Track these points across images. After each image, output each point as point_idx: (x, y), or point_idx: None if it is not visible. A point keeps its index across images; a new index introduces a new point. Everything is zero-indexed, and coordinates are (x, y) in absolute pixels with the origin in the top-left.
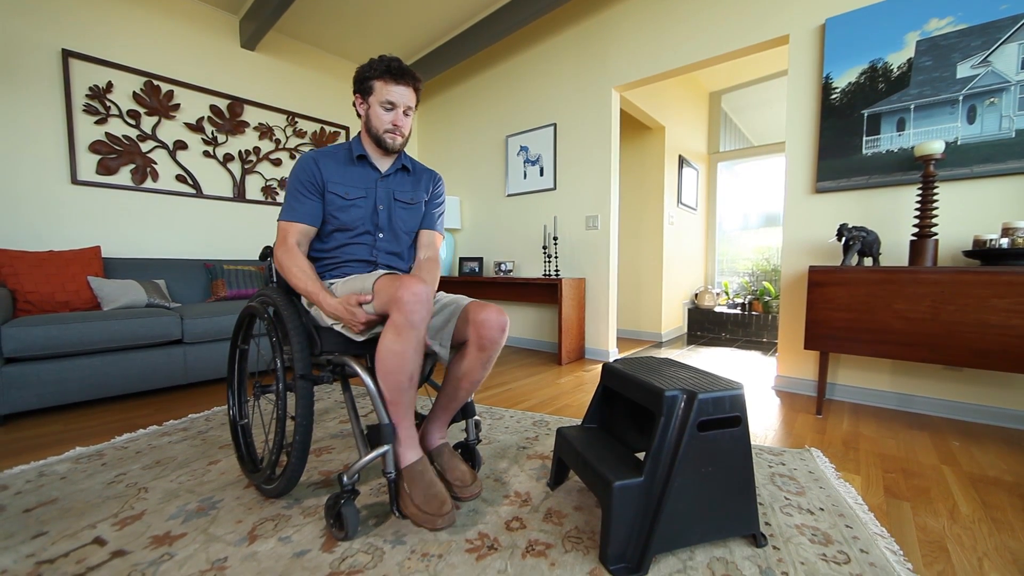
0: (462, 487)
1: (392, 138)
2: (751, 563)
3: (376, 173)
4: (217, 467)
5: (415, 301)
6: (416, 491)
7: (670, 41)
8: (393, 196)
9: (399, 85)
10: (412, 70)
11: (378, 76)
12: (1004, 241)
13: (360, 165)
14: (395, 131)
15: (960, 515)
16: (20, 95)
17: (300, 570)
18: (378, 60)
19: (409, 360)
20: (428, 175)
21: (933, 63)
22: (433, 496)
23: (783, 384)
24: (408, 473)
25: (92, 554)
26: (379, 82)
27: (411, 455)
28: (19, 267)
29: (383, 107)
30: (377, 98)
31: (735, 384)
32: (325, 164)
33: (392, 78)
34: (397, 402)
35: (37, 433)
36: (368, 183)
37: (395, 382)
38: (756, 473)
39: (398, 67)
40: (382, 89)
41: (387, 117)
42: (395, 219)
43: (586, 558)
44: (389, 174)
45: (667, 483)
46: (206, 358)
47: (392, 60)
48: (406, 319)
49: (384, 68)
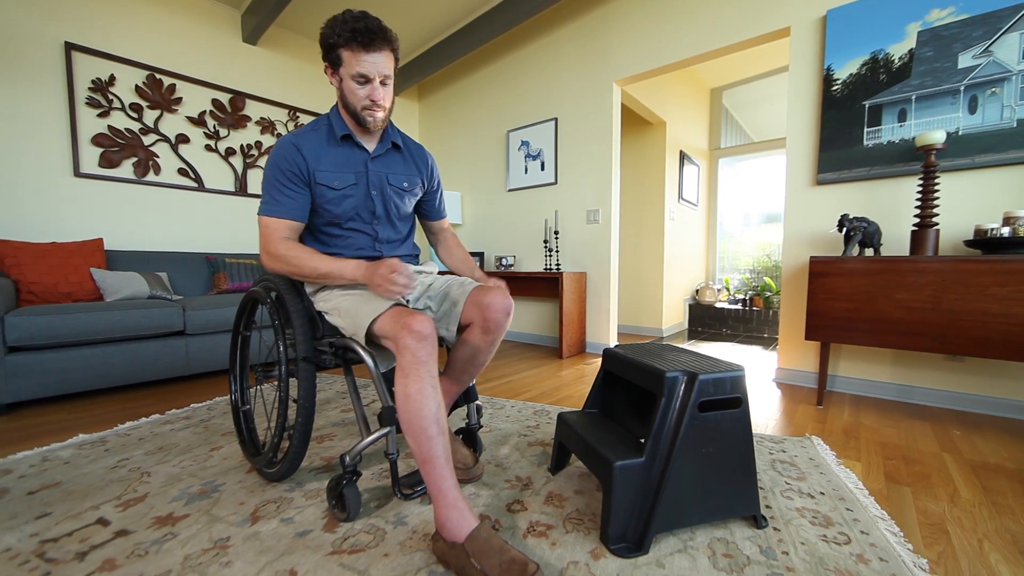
0: (464, 469)
1: (371, 115)
2: (751, 543)
3: (364, 154)
4: (219, 453)
5: (418, 341)
6: (488, 562)
7: (671, 34)
8: (387, 180)
9: (371, 53)
10: (384, 27)
11: (344, 44)
12: (1005, 230)
13: (345, 145)
14: (373, 107)
15: (961, 499)
16: (23, 88)
17: (302, 549)
18: (341, 21)
19: (429, 399)
20: (419, 153)
21: (934, 53)
22: (511, 561)
23: (784, 376)
24: (471, 545)
25: (95, 533)
26: (346, 51)
27: (467, 522)
28: (22, 258)
29: (356, 81)
30: (348, 70)
31: (736, 366)
32: (308, 149)
33: (361, 46)
34: (429, 457)
35: (40, 421)
36: (357, 166)
37: (419, 429)
38: (757, 460)
39: (365, 28)
40: (352, 60)
41: (362, 92)
42: (391, 207)
43: (587, 538)
44: (379, 155)
45: (668, 463)
46: (208, 349)
47: (358, 19)
48: (413, 357)
49: (350, 33)
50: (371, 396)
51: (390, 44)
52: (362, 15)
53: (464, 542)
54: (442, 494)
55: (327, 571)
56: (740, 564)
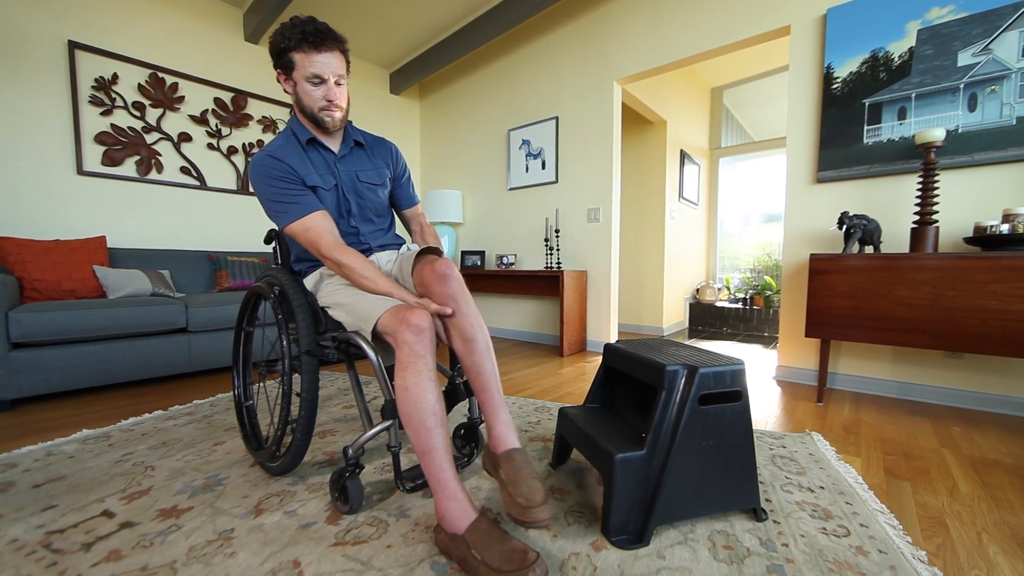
0: (525, 508)
1: (330, 115)
2: (751, 535)
3: (331, 155)
4: (222, 447)
5: (415, 335)
6: (489, 553)
7: (672, 33)
8: (357, 178)
9: (322, 53)
10: (332, 29)
11: (295, 47)
12: (1004, 227)
13: (313, 149)
14: (331, 107)
15: (960, 494)
16: (27, 86)
17: (306, 540)
18: (291, 26)
19: (427, 392)
20: (382, 147)
21: (934, 51)
22: (511, 551)
23: (784, 374)
24: (472, 536)
25: (101, 525)
26: (298, 54)
27: (467, 514)
28: (26, 255)
29: (310, 83)
30: (301, 73)
31: (736, 360)
32: (288, 158)
33: (312, 46)
34: (428, 449)
35: (44, 417)
36: (328, 167)
37: (418, 421)
38: (757, 455)
39: (315, 30)
40: (304, 61)
41: (318, 93)
42: (365, 204)
43: (588, 530)
44: (344, 155)
45: (668, 456)
46: (210, 347)
47: (307, 23)
48: (411, 350)
49: (300, 36)
50: (373, 392)
51: (339, 44)
52: (310, 19)
53: (465, 533)
54: (441, 486)
55: (331, 562)
56: (740, 556)
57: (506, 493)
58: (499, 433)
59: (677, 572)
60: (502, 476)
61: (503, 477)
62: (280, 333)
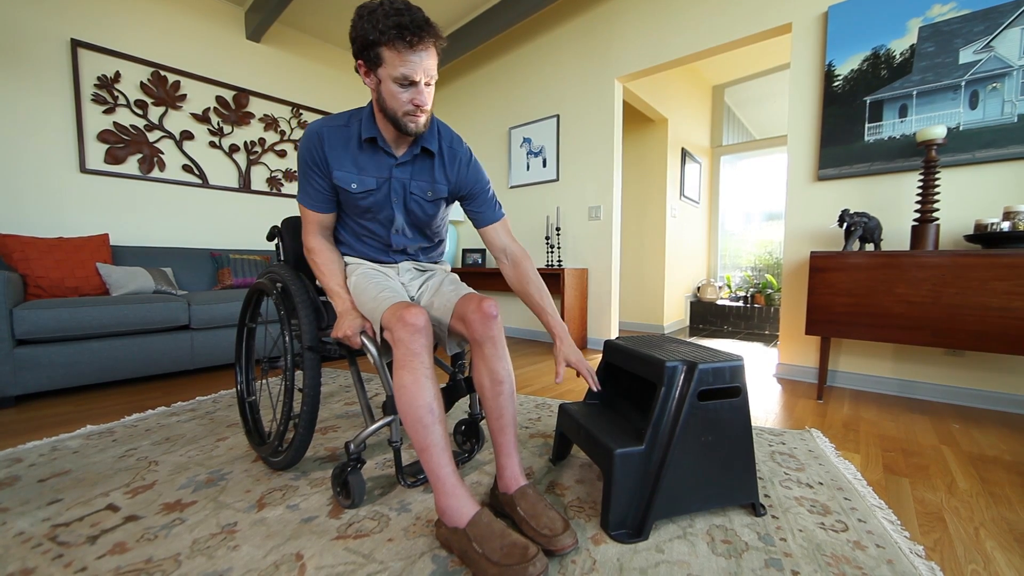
0: (551, 537)
1: (414, 121)
2: (750, 530)
3: (391, 159)
4: (225, 443)
5: (411, 333)
6: (489, 547)
7: (673, 31)
8: (409, 189)
9: (417, 51)
10: (430, 21)
11: (387, 42)
12: (1005, 225)
13: (370, 148)
14: (416, 112)
15: (958, 490)
16: (30, 84)
17: (308, 534)
18: (382, 14)
19: (423, 389)
20: (453, 156)
21: (935, 49)
22: (512, 544)
23: (785, 372)
24: (473, 530)
25: (106, 519)
26: (389, 51)
27: (467, 508)
28: (30, 253)
29: (399, 84)
30: (389, 72)
31: (735, 356)
32: (331, 143)
33: (408, 44)
34: (425, 445)
35: (49, 413)
36: (381, 171)
37: (415, 419)
38: (756, 452)
39: (411, 23)
40: (395, 60)
41: (405, 96)
42: (413, 218)
43: (588, 524)
44: (405, 161)
45: (667, 451)
46: (213, 344)
47: (401, 12)
48: (407, 349)
49: (395, 30)
50: (375, 388)
51: (437, 41)
52: (405, 7)
53: (466, 527)
54: (440, 482)
55: (332, 555)
56: (739, 550)
57: (528, 528)
58: (513, 475)
59: (675, 566)
60: (520, 513)
61: (521, 514)
62: (283, 329)
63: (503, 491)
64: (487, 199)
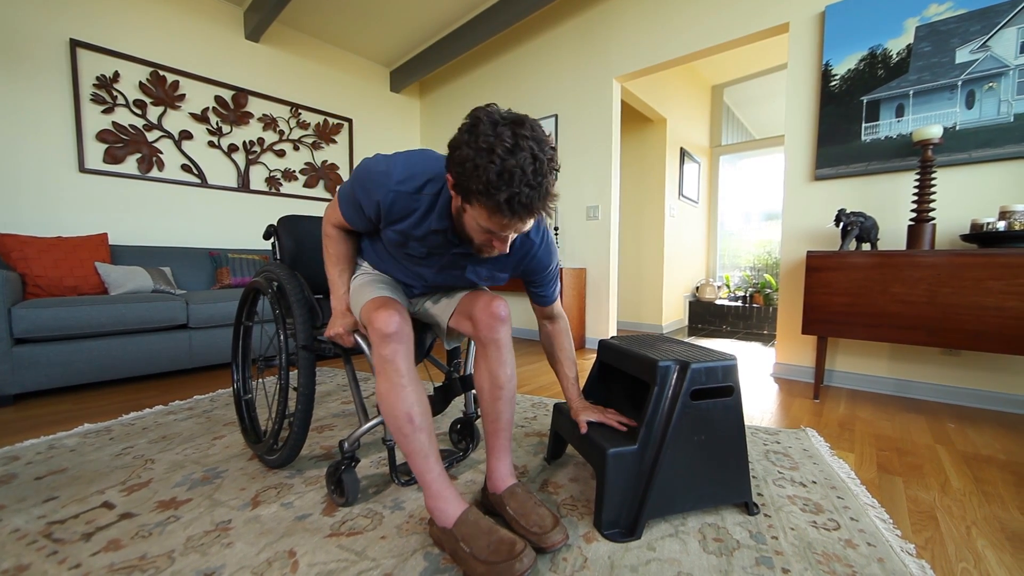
0: (541, 534)
1: (489, 252)
2: (742, 528)
3: (453, 244)
4: (221, 442)
5: (380, 339)
6: (477, 545)
7: (671, 30)
8: (465, 270)
9: (517, 220)
10: (547, 195)
11: (487, 205)
12: (1001, 224)
13: (438, 233)
14: (492, 251)
15: (951, 489)
16: (29, 84)
17: (302, 531)
18: (492, 163)
19: (398, 399)
20: (528, 247)
21: (932, 48)
22: (499, 541)
23: (781, 371)
24: (459, 530)
25: (101, 516)
26: (484, 209)
27: (453, 509)
28: (28, 252)
29: (481, 228)
30: (476, 218)
31: (728, 356)
32: (392, 209)
33: (509, 216)
34: (408, 452)
35: (46, 411)
36: (437, 247)
37: (394, 427)
38: (751, 451)
39: (524, 203)
40: (487, 218)
41: (483, 238)
42: (450, 281)
43: (580, 523)
44: (470, 252)
45: (660, 451)
46: (211, 343)
47: (519, 180)
48: (379, 356)
49: (506, 205)
50: (371, 388)
51: (548, 205)
52: (526, 175)
53: (453, 527)
54: (426, 485)
55: (325, 552)
56: (730, 548)
57: (519, 526)
58: (502, 475)
59: (666, 564)
60: (510, 512)
61: (511, 512)
62: (277, 328)
63: (492, 491)
64: (549, 281)
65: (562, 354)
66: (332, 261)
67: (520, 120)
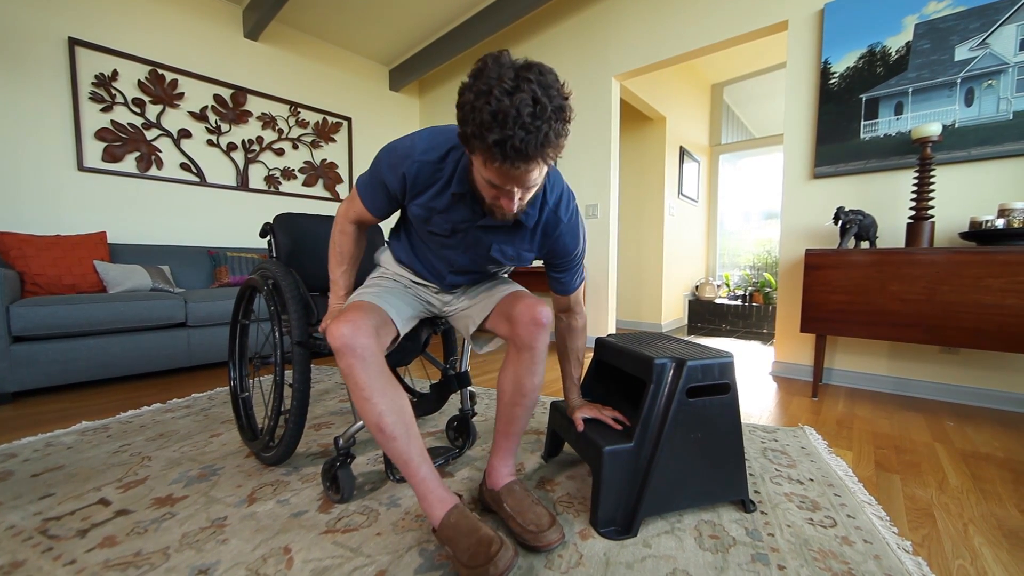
0: (537, 533)
1: (500, 213)
2: (738, 525)
3: (476, 216)
4: (219, 439)
5: (337, 352)
6: (459, 548)
7: (670, 29)
8: (488, 247)
9: (515, 168)
10: (545, 140)
11: (481, 150)
12: (1000, 222)
13: (459, 200)
14: (502, 210)
15: (949, 486)
16: (28, 83)
17: (297, 528)
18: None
19: (366, 412)
20: (554, 224)
21: (931, 46)
22: (477, 542)
23: (780, 370)
24: (443, 532)
25: (97, 513)
26: (482, 156)
27: (436, 511)
28: (27, 250)
29: (484, 180)
30: (479, 169)
31: (724, 353)
32: (416, 180)
33: (504, 162)
34: (392, 453)
35: (44, 409)
36: (461, 221)
37: (373, 430)
38: (748, 448)
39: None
40: (485, 166)
41: (490, 193)
42: (478, 264)
43: (576, 520)
44: (494, 225)
45: (656, 449)
46: (209, 342)
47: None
48: (341, 369)
49: (496, 148)
50: None
51: (543, 153)
52: (522, 117)
53: (437, 530)
54: (413, 488)
55: (320, 549)
56: (726, 545)
57: (515, 524)
58: (502, 474)
59: (661, 560)
60: (507, 509)
61: (508, 510)
62: (272, 325)
63: (490, 487)
64: (572, 268)
65: (571, 353)
66: (337, 260)
67: (529, 65)
